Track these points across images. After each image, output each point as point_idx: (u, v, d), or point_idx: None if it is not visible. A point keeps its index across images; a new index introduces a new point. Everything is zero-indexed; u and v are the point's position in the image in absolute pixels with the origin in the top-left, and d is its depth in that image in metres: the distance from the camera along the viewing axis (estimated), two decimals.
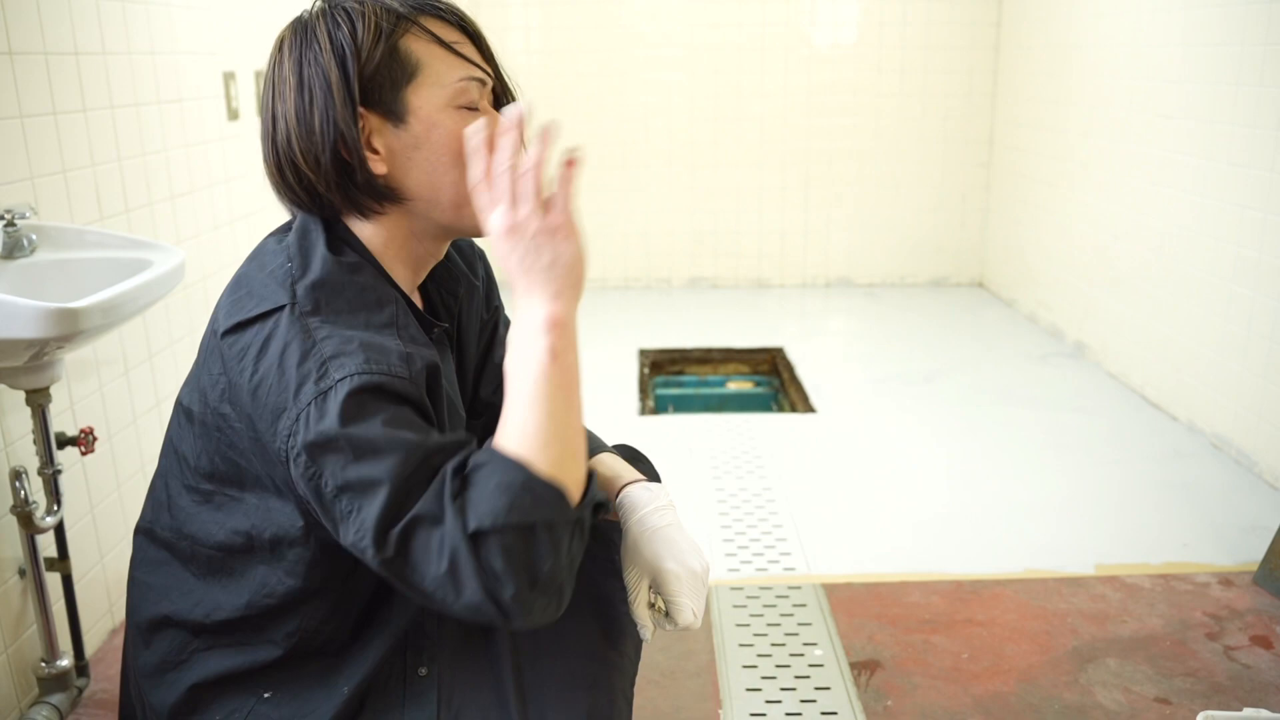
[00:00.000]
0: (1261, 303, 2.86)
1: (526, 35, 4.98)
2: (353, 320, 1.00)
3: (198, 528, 1.10)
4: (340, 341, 0.96)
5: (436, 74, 1.04)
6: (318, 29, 1.04)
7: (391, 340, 0.99)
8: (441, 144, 1.05)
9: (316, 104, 1.03)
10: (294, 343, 0.97)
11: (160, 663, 1.14)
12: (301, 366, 0.95)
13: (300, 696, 1.09)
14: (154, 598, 1.14)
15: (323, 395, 0.93)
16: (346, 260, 1.05)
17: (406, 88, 1.04)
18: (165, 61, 2.36)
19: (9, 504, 1.74)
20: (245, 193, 2.81)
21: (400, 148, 1.05)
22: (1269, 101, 2.81)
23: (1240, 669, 2.01)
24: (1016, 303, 4.75)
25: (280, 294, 1.01)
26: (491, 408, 1.36)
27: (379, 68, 1.03)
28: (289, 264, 1.03)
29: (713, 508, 2.76)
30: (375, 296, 1.03)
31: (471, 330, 1.30)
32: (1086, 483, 2.89)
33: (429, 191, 1.06)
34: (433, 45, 1.05)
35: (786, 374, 3.97)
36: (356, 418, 0.92)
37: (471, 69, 1.06)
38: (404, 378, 0.96)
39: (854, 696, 1.93)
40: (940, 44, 4.92)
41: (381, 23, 1.03)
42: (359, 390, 0.93)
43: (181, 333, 2.42)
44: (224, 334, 1.02)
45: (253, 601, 1.09)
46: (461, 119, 1.05)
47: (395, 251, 1.10)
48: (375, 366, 0.95)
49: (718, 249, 5.23)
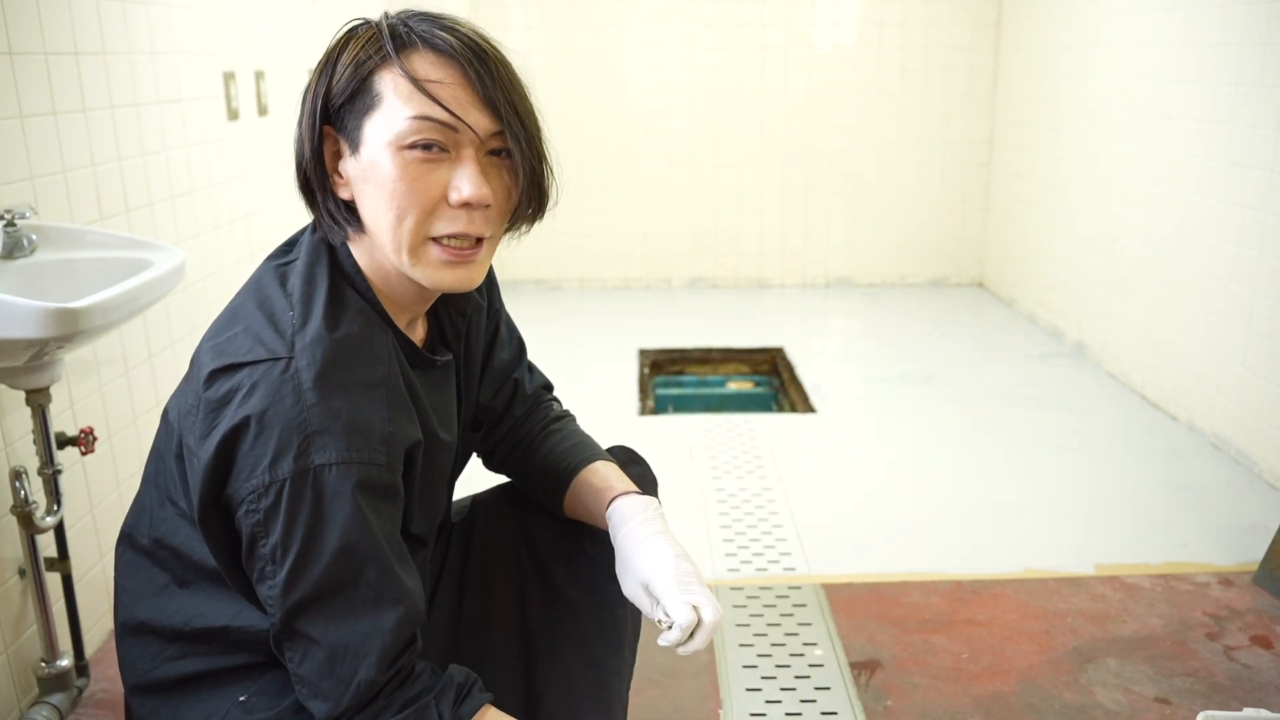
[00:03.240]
0: (1261, 303, 2.86)
1: (526, 35, 4.98)
2: (346, 379, 0.99)
3: (181, 540, 1.10)
4: (327, 415, 0.97)
5: (391, 110, 1.00)
6: (330, 46, 1.06)
7: (379, 411, 1.00)
8: (380, 182, 1.01)
9: (300, 116, 1.06)
10: (283, 402, 0.96)
11: (134, 666, 1.15)
12: (285, 434, 0.96)
13: (278, 701, 1.09)
14: (127, 601, 1.15)
15: (300, 476, 0.96)
16: (347, 308, 1.05)
17: (365, 119, 1.02)
18: (165, 61, 2.36)
19: (9, 504, 1.74)
20: (245, 193, 2.81)
21: (357, 177, 1.04)
22: (1269, 101, 2.81)
23: (1240, 669, 2.01)
24: (1016, 303, 4.75)
25: (278, 344, 1.00)
26: (490, 411, 1.36)
27: (347, 93, 1.02)
28: (290, 312, 1.03)
29: (713, 508, 2.76)
30: (370, 351, 1.03)
31: (478, 346, 1.30)
32: (1086, 483, 2.89)
33: (374, 227, 1.04)
34: (401, 80, 1.00)
35: (786, 374, 3.98)
36: (320, 514, 0.97)
37: (432, 108, 0.99)
38: (381, 464, 0.99)
39: (854, 696, 1.93)
40: (940, 44, 4.92)
41: (362, 53, 1.02)
42: (334, 478, 0.96)
43: (181, 333, 2.42)
44: (214, 371, 1.00)
45: (231, 623, 1.09)
46: (407, 162, 1.00)
47: (383, 279, 1.09)
48: (356, 455, 0.97)
49: (718, 249, 5.23)
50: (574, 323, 4.65)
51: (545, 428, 1.37)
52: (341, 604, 0.99)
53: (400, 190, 1.00)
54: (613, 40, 4.98)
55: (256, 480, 0.96)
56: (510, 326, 1.39)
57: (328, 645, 0.99)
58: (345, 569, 0.98)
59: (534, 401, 1.39)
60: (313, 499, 0.96)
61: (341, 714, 1.00)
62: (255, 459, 0.96)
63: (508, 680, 1.30)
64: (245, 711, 1.09)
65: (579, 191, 5.09)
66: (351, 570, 0.98)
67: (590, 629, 1.32)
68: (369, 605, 0.99)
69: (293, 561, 0.97)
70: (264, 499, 0.96)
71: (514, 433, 1.37)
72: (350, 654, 0.98)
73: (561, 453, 1.33)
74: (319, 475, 0.96)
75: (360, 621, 0.99)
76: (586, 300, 5.08)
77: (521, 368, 1.39)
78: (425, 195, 1.01)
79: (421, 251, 1.04)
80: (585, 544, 1.33)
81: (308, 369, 0.98)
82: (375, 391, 1.01)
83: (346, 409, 0.98)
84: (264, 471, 0.96)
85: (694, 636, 1.09)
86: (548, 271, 5.29)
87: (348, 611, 0.99)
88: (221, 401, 0.98)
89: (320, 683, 0.99)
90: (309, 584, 0.97)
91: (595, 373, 3.90)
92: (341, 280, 1.07)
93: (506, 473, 1.41)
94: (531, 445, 1.36)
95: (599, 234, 5.20)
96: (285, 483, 0.95)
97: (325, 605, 0.98)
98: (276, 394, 0.96)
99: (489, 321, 1.33)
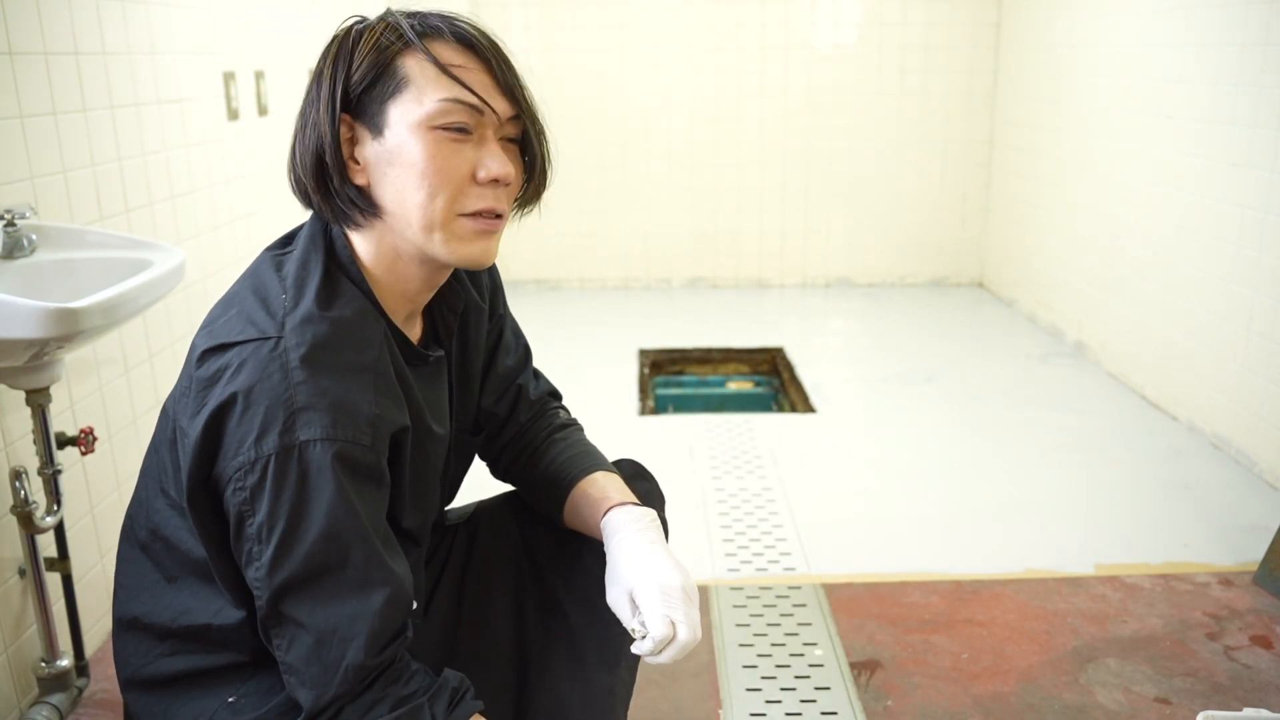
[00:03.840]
0: (1261, 303, 2.86)
1: (526, 35, 4.98)
2: (334, 360, 1.00)
3: (172, 531, 1.11)
4: (313, 393, 0.98)
5: (419, 91, 1.04)
6: (337, 39, 1.07)
7: (366, 394, 1.01)
8: (409, 162, 1.04)
9: (311, 107, 1.07)
10: (270, 379, 0.98)
11: (127, 662, 1.15)
12: (271, 410, 0.97)
13: (266, 701, 1.09)
14: (124, 596, 1.16)
15: (285, 452, 0.96)
16: (341, 294, 1.06)
17: (389, 101, 1.05)
18: (165, 61, 2.36)
19: (9, 504, 1.74)
20: (245, 193, 2.81)
21: (377, 161, 1.06)
22: (1269, 101, 2.81)
23: (1240, 669, 2.01)
24: (1016, 303, 4.75)
25: (269, 324, 1.01)
26: (493, 416, 1.35)
27: (368, 80, 1.05)
28: (283, 295, 1.04)
29: (713, 508, 2.76)
30: (360, 336, 1.04)
31: (476, 349, 1.30)
32: (1086, 483, 2.89)
33: (399, 209, 1.06)
34: (426, 64, 1.04)
35: (786, 374, 3.98)
36: (304, 492, 0.97)
37: (461, 92, 1.04)
38: (365, 445, 0.99)
39: (854, 696, 1.93)
40: (940, 44, 4.92)
41: (383, 39, 1.05)
42: (318, 455, 0.97)
43: (181, 333, 2.42)
44: (205, 351, 1.02)
45: (217, 617, 1.09)
46: (437, 141, 1.04)
47: (387, 270, 1.10)
48: (341, 433, 0.98)
49: (718, 249, 5.23)
50: (574, 323, 4.65)
51: (549, 436, 1.36)
52: (328, 585, 0.99)
53: (433, 169, 1.04)
54: (613, 40, 4.98)
55: (243, 457, 0.97)
56: (516, 333, 1.39)
57: (315, 629, 0.99)
58: (331, 548, 0.98)
59: (539, 408, 1.39)
60: (298, 475, 0.97)
61: (330, 702, 0.99)
62: (242, 435, 0.97)
63: (498, 685, 1.29)
64: (233, 713, 1.09)
65: (579, 191, 5.09)
66: (338, 550, 0.98)
67: (584, 643, 1.31)
68: (356, 587, 0.99)
69: (278, 539, 0.97)
70: (250, 475, 0.97)
71: (518, 439, 1.37)
72: (337, 638, 0.98)
73: (563, 462, 1.32)
74: (304, 451, 0.96)
75: (347, 604, 0.99)
76: (586, 300, 5.08)
77: (526, 374, 1.38)
78: (457, 173, 1.05)
79: (453, 226, 1.07)
80: (584, 556, 1.32)
81: (296, 348, 0.99)
82: (364, 375, 1.02)
83: (334, 388, 0.99)
84: (250, 447, 0.97)
85: (663, 652, 1.09)
86: (548, 271, 5.29)
87: (334, 593, 0.99)
88: (211, 380, 1.00)
89: (308, 669, 0.99)
90: (295, 563, 0.98)
91: (595, 373, 3.90)
92: (337, 270, 1.08)
93: (511, 481, 1.40)
94: (534, 453, 1.35)
95: (599, 234, 5.20)
96: (270, 458, 0.96)
97: (311, 587, 0.98)
98: (264, 371, 0.98)
99: (492, 326, 1.33)
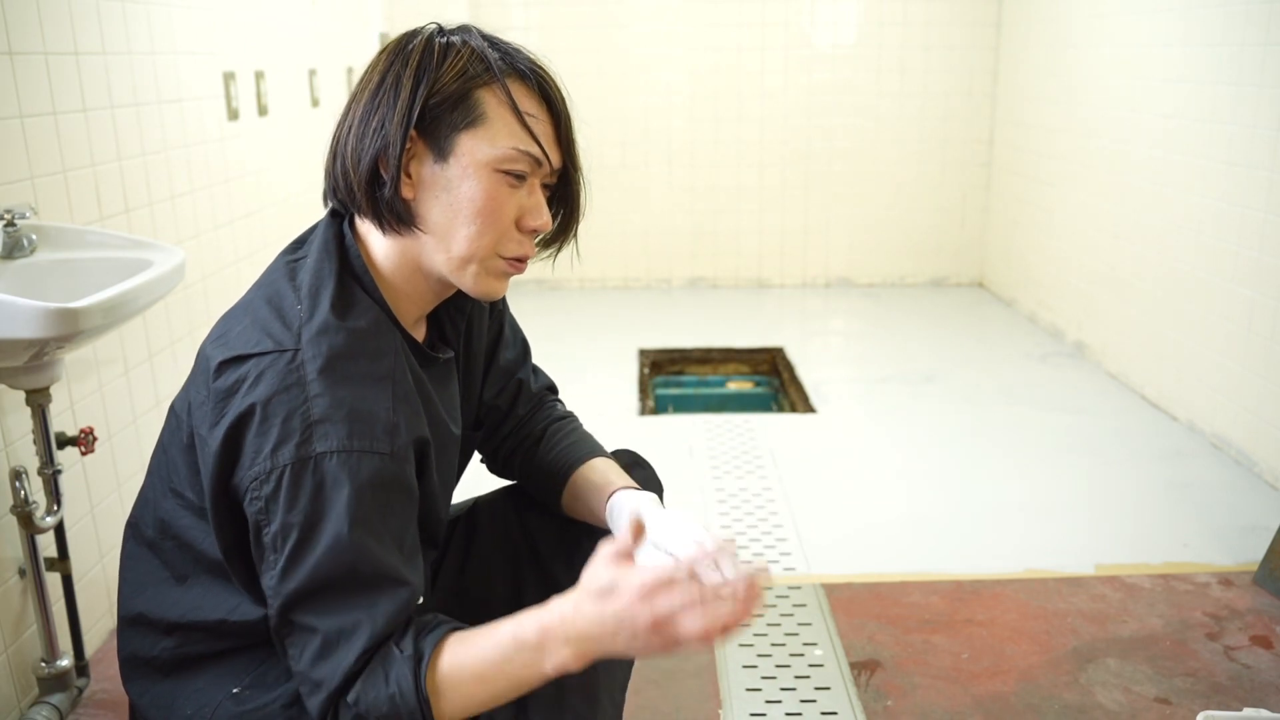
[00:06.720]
0: (1261, 303, 2.86)
1: (526, 35, 4.98)
2: (351, 371, 1.02)
3: (184, 530, 1.12)
4: (330, 405, 0.99)
5: (494, 132, 1.06)
6: (417, 48, 1.08)
7: (384, 403, 1.02)
8: (468, 196, 1.06)
9: (380, 110, 1.07)
10: (287, 391, 0.99)
11: (131, 657, 1.17)
12: (288, 421, 0.98)
13: (270, 693, 1.11)
14: (128, 593, 1.17)
15: (300, 464, 0.97)
16: (356, 303, 1.07)
17: (463, 132, 1.06)
18: (165, 61, 2.36)
19: (9, 504, 1.74)
20: (245, 193, 2.81)
21: (432, 182, 1.07)
22: (1269, 101, 2.81)
23: (1240, 669, 2.01)
24: (1016, 303, 4.75)
25: (285, 336, 1.02)
26: (494, 410, 1.36)
27: (446, 104, 1.06)
28: (298, 305, 1.05)
29: (713, 508, 2.76)
30: (376, 346, 1.05)
31: (479, 345, 1.32)
32: (1086, 483, 2.89)
33: (442, 233, 1.08)
34: (505, 107, 1.07)
35: (786, 374, 3.98)
36: (319, 503, 0.97)
37: (531, 144, 1.08)
38: (384, 453, 1.00)
39: (854, 696, 1.93)
40: (940, 44, 4.92)
41: (469, 67, 1.07)
42: (334, 467, 0.97)
43: (181, 333, 2.42)
44: (222, 362, 1.03)
45: (234, 614, 1.10)
46: (498, 184, 1.07)
47: (404, 277, 1.12)
48: (358, 444, 0.99)
49: (718, 249, 5.23)
50: (574, 322, 4.65)
51: (547, 427, 1.38)
52: (339, 594, 0.99)
53: (489, 210, 1.07)
54: (613, 40, 4.98)
55: (259, 467, 0.98)
56: (515, 327, 1.41)
57: (323, 633, 0.99)
58: (343, 559, 0.98)
59: (537, 401, 1.41)
60: (313, 486, 0.97)
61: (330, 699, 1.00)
62: (259, 445, 0.98)
63: None
64: (237, 703, 1.10)
65: None
66: (350, 561, 0.98)
67: None
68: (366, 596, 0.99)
69: (291, 548, 0.98)
70: (265, 485, 0.98)
71: (517, 432, 1.39)
72: (342, 640, 0.99)
73: (562, 450, 1.34)
74: (319, 463, 0.97)
75: (354, 612, 0.99)
76: (586, 300, 5.08)
77: (526, 368, 1.41)
78: (507, 217, 1.09)
79: (490, 263, 1.10)
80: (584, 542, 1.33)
81: (313, 360, 1.00)
82: (381, 384, 1.03)
83: (350, 399, 1.00)
84: (266, 458, 0.98)
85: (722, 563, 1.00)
86: (548, 271, 5.29)
87: (345, 602, 0.99)
88: (229, 391, 1.01)
89: (314, 672, 1.00)
90: (306, 571, 0.98)
91: (595, 373, 3.90)
92: (350, 279, 1.09)
93: (509, 474, 1.42)
94: (533, 444, 1.37)
95: (599, 234, 5.20)
96: (286, 469, 0.97)
97: (322, 596, 0.99)
98: (281, 383, 0.99)
99: (493, 321, 1.35)
